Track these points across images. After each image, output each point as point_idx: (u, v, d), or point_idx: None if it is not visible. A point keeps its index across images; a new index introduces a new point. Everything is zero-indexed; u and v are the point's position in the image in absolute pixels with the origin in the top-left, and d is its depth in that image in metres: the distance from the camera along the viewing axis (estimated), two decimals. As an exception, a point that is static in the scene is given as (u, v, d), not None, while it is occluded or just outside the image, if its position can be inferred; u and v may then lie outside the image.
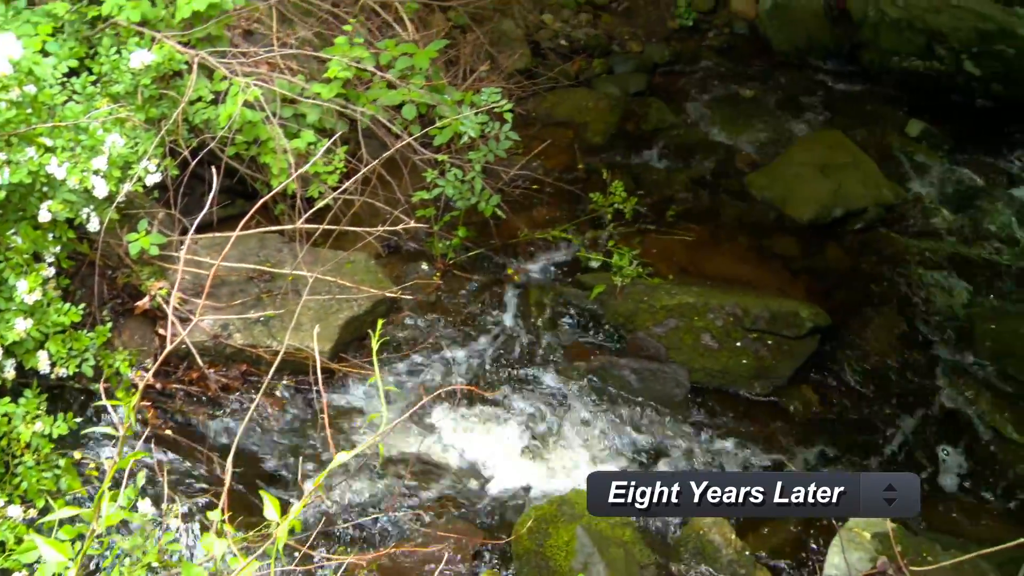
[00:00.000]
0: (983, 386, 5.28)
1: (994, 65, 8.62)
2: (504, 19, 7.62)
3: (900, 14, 8.75)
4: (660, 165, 6.79)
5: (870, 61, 8.84)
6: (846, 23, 9.04)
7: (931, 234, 6.54)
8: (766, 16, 8.85)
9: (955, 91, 8.75)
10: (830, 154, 6.81)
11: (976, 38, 8.65)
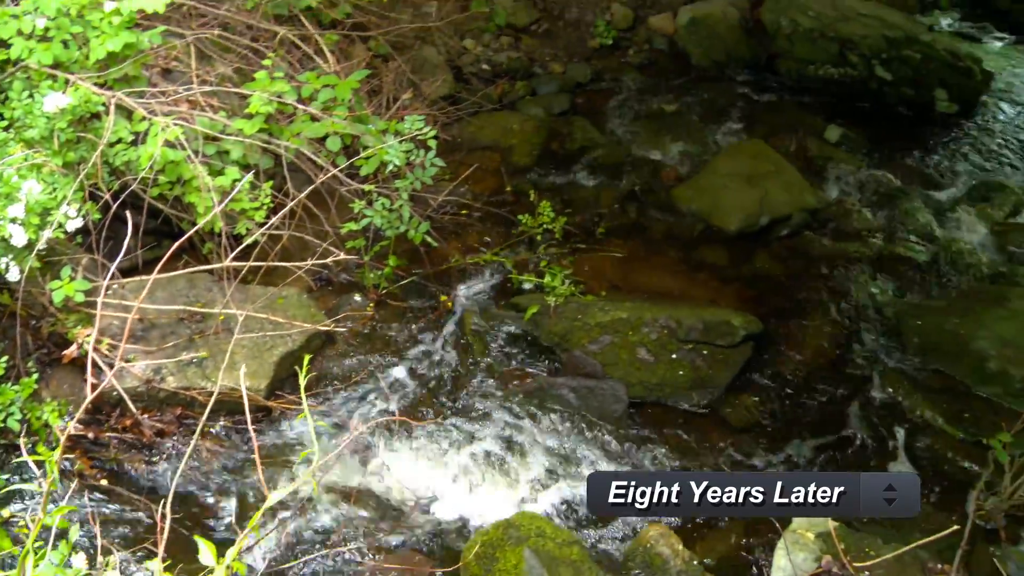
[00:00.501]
0: (913, 381, 5.40)
1: (903, 70, 8.88)
2: (425, 46, 7.64)
3: (813, 24, 8.97)
4: (587, 183, 6.84)
5: (787, 70, 9.04)
6: (762, 35, 9.23)
7: (854, 236, 6.68)
8: (684, 31, 9.00)
9: (869, 96, 8.98)
10: (753, 163, 6.93)
11: (885, 44, 8.90)
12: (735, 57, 9.05)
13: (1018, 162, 8.33)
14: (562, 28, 8.95)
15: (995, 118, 9.13)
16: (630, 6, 9.47)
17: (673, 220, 6.51)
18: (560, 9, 9.15)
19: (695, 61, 8.93)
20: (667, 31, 9.22)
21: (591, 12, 9.19)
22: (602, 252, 5.99)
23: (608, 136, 7.51)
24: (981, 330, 5.55)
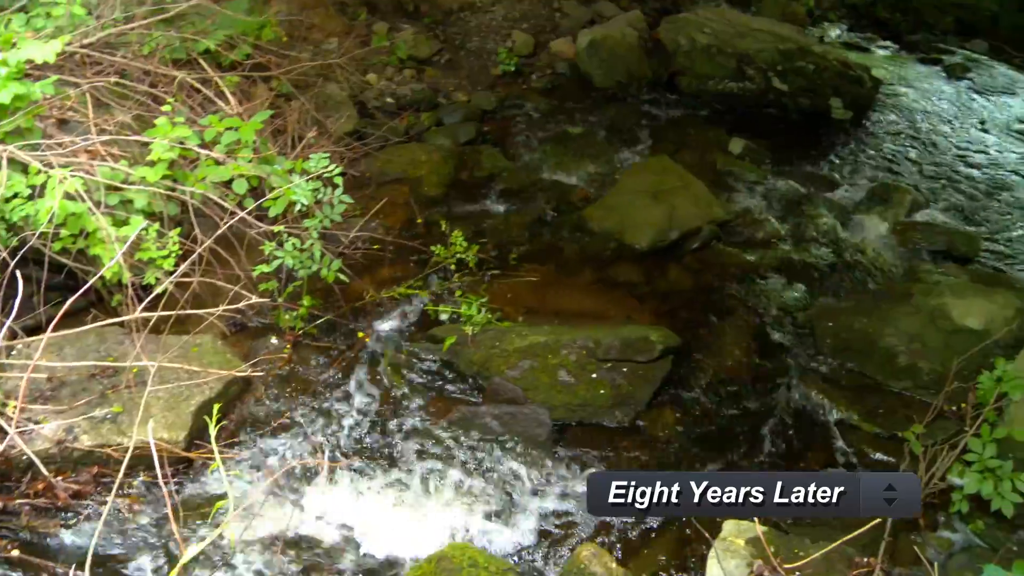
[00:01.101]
0: (829, 382, 5.53)
1: (798, 80, 9.16)
2: (328, 83, 7.62)
3: (710, 40, 9.18)
4: (498, 210, 6.88)
5: (688, 87, 9.24)
6: (662, 53, 9.43)
7: (763, 244, 6.84)
8: (585, 54, 9.14)
9: (768, 107, 9.25)
10: (660, 180, 7.03)
11: (780, 57, 9.17)
12: (637, 76, 9.22)
13: (911, 163, 8.64)
14: (464, 57, 9.02)
15: (887, 122, 9.47)
16: (531, 32, 9.60)
17: (585, 240, 6.57)
18: (462, 39, 9.23)
19: (598, 83, 9.08)
20: (568, 55, 9.36)
21: (492, 40, 9.29)
22: (517, 278, 6.01)
23: (516, 162, 7.56)
24: (889, 327, 5.70)
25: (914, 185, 8.16)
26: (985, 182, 8.55)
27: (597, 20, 10.07)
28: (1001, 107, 10.61)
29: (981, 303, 5.73)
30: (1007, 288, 6.21)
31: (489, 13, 9.74)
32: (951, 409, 5.06)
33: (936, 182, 8.38)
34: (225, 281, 4.99)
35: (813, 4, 13.39)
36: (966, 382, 4.96)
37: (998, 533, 4.42)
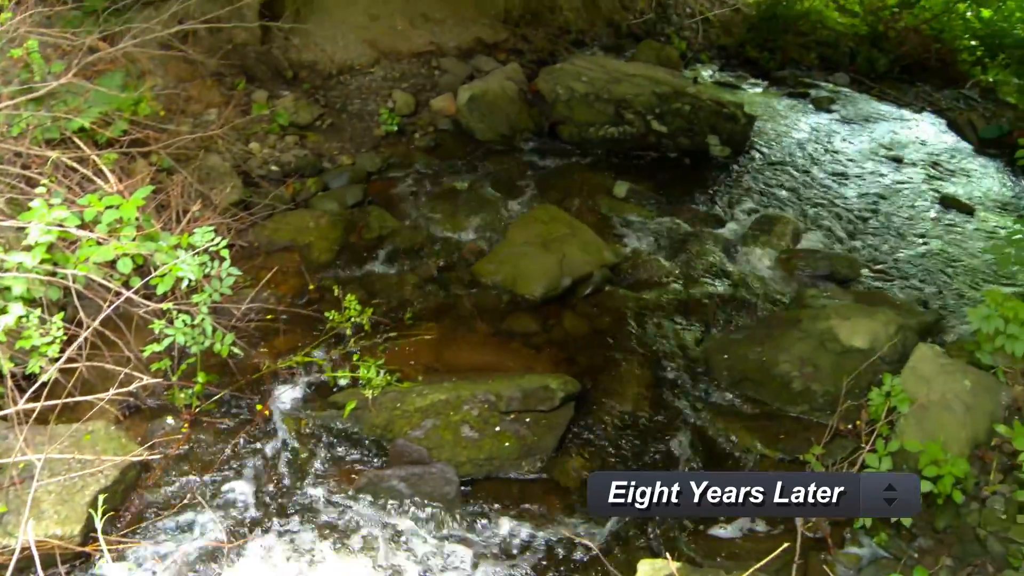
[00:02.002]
0: (729, 413, 5.69)
1: (677, 121, 9.49)
2: (210, 155, 7.54)
3: (587, 88, 9.43)
4: (390, 271, 6.89)
5: (569, 135, 9.47)
6: (542, 104, 9.64)
7: (654, 284, 7.01)
8: (466, 109, 9.27)
9: (650, 149, 9.55)
10: (548, 228, 7.16)
11: (656, 100, 9.48)
12: (519, 128, 9.40)
13: (790, 193, 9.01)
14: (346, 120, 9.04)
15: (763, 155, 9.87)
16: (411, 91, 9.70)
17: (479, 294, 6.63)
18: (342, 102, 9.26)
19: (481, 137, 9.22)
20: (450, 111, 9.48)
21: (373, 102, 9.35)
22: (413, 337, 6.03)
23: (405, 221, 7.60)
24: (782, 354, 5.88)
25: (794, 214, 8.52)
26: (859, 206, 8.99)
27: (476, 75, 10.25)
28: (866, 134, 11.20)
29: (865, 322, 5.97)
30: (888, 306, 6.52)
31: (368, 75, 9.81)
32: (847, 428, 5.25)
33: (814, 209, 8.76)
34: (114, 364, 4.87)
35: (685, 47, 13.89)
36: (858, 400, 5.17)
37: (900, 543, 4.60)
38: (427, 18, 11.06)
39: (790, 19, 14.95)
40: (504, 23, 12.06)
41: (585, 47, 12.86)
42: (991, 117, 12.52)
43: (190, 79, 8.43)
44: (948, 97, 13.91)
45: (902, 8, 15.56)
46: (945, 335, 6.54)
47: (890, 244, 8.30)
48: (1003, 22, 14.72)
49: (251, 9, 8.94)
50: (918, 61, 15.15)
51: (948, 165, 10.63)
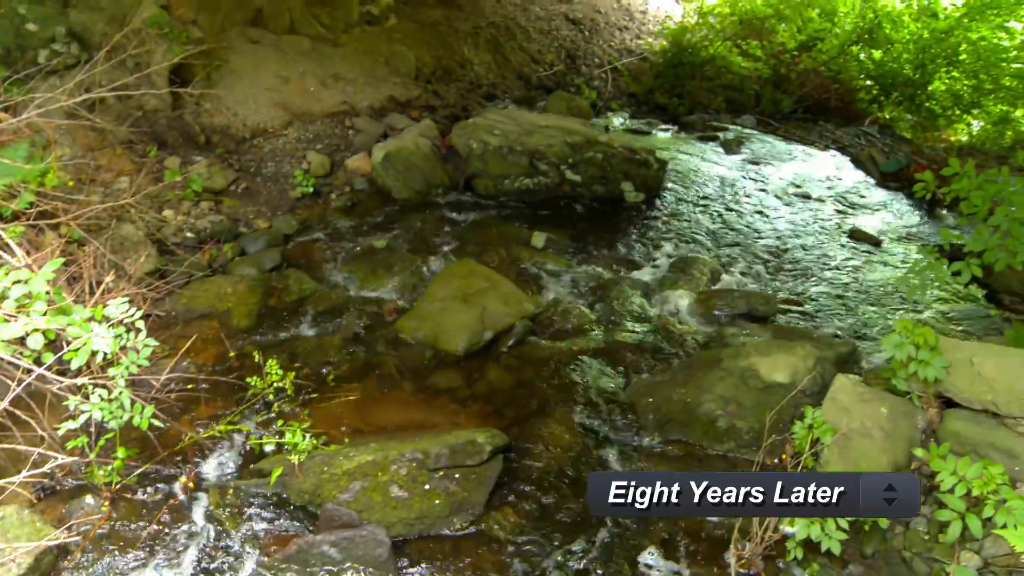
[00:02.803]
0: (657, 456, 5.75)
1: (590, 170, 9.65)
2: (122, 224, 7.43)
3: (501, 142, 9.55)
4: (311, 333, 6.85)
5: (485, 188, 9.56)
6: (456, 158, 9.73)
7: (576, 332, 7.07)
8: (381, 168, 9.31)
9: (565, 198, 9.69)
10: (468, 283, 7.21)
11: (569, 150, 9.64)
12: (434, 184, 9.47)
13: (704, 235, 9.21)
14: (261, 184, 9.00)
15: (677, 199, 10.09)
16: (325, 152, 9.71)
17: (402, 352, 6.62)
18: (256, 166, 9.22)
19: (397, 194, 9.27)
20: (365, 170, 9.52)
21: (288, 164, 9.33)
22: (338, 399, 5.99)
23: (324, 282, 7.58)
24: (705, 394, 5.99)
25: (710, 255, 8.71)
26: (772, 243, 9.24)
27: (390, 133, 10.31)
28: (775, 173, 11.55)
29: (785, 357, 6.13)
30: (805, 339, 6.70)
31: (282, 137, 9.80)
32: (773, 462, 5.34)
33: (730, 249, 8.98)
34: (27, 444, 4.73)
35: (596, 96, 14.18)
36: (783, 434, 5.27)
37: (831, 572, 4.68)
38: (339, 78, 11.12)
39: (696, 65, 15.39)
40: (416, 80, 12.19)
41: (497, 100, 13.05)
42: (890, 152, 13.05)
43: (99, 148, 8.31)
44: (850, 134, 14.45)
45: (801, 51, 16.15)
46: (862, 364, 6.74)
47: (804, 279, 8.54)
48: (893, 63, 15.37)
49: (160, 75, 8.89)
50: (819, 101, 15.76)
51: (854, 199, 11.03)
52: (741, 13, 16.12)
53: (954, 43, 14.30)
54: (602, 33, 16.81)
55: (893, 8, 15.58)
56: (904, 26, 15.45)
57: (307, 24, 11.74)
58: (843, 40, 15.76)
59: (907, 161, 12.13)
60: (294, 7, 11.68)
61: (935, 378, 4.86)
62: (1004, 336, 6.29)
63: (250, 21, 11.25)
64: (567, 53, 15.56)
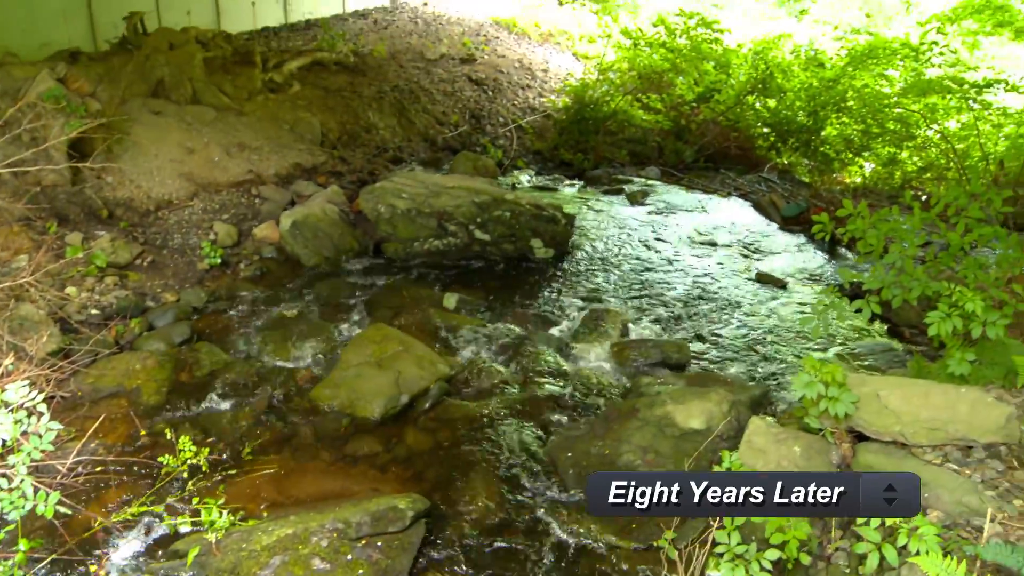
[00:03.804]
0: (579, 510, 5.71)
1: (499, 228, 9.74)
2: (22, 304, 7.22)
3: (408, 204, 9.59)
4: (224, 406, 6.72)
5: (395, 251, 9.59)
6: (365, 223, 9.74)
7: (493, 391, 7.08)
8: (289, 236, 9.26)
9: (475, 257, 9.76)
10: (382, 347, 7.18)
11: (477, 210, 9.72)
12: (344, 249, 9.45)
13: (615, 287, 9.34)
14: (168, 257, 8.86)
15: (586, 253, 10.25)
16: (232, 222, 9.63)
17: (318, 421, 6.54)
18: (162, 238, 9.09)
19: (306, 262, 9.22)
20: (273, 239, 9.45)
21: (195, 235, 9.22)
22: (255, 472, 5.88)
23: (236, 354, 7.47)
24: (623, 445, 6.04)
25: (622, 306, 8.83)
26: (682, 292, 9.43)
27: (297, 200, 10.28)
28: (680, 222, 11.82)
29: (700, 404, 6.23)
30: (719, 385, 6.81)
31: (188, 208, 9.68)
32: (695, 510, 5.37)
33: (640, 300, 9.12)
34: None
35: (501, 155, 14.38)
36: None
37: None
38: (244, 147, 11.07)
39: (599, 120, 15.74)
40: (322, 146, 12.21)
41: (403, 163, 13.14)
42: (790, 196, 13.50)
43: (-6, 226, 8.11)
44: (751, 181, 14.91)
45: (700, 103, 16.67)
46: (776, 405, 6.88)
47: (715, 325, 8.72)
48: (787, 111, 15.97)
49: (58, 150, 8.73)
50: (720, 150, 16.28)
51: (758, 244, 11.34)
52: (640, 68, 16.58)
53: (841, 91, 14.96)
54: (505, 92, 17.11)
55: (783, 59, 16.23)
56: (794, 76, 16.12)
57: (210, 94, 11.70)
58: (739, 91, 16.34)
59: (806, 204, 12.55)
60: (196, 77, 11.64)
61: (845, 414, 4.97)
62: (907, 368, 6.50)
63: (152, 92, 11.17)
64: (471, 113, 15.78)
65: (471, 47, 18.51)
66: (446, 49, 17.85)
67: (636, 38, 16.84)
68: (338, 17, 18.15)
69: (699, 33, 16.28)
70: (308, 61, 14.34)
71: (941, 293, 5.52)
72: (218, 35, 13.44)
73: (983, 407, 4.84)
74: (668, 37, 16.47)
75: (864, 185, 15.50)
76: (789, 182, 15.30)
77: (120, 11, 12.34)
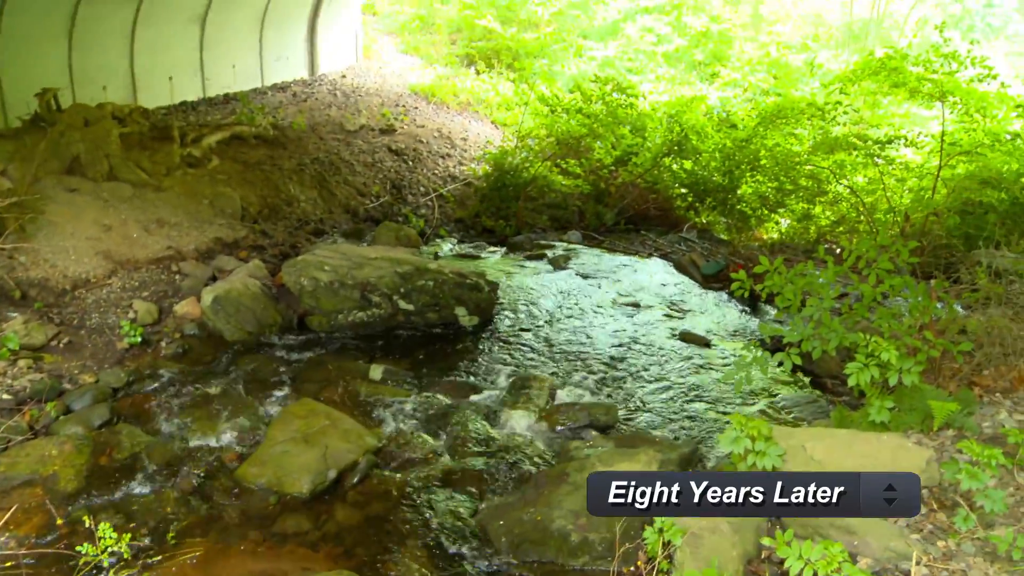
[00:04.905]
0: (514, 580, 5.68)
1: (423, 298, 9.77)
2: (-69, 393, 7.00)
3: (331, 277, 9.57)
4: (147, 490, 6.53)
5: (319, 324, 9.53)
6: (288, 297, 9.68)
7: (422, 462, 7.04)
8: (211, 312, 9.14)
9: (400, 328, 9.76)
10: (308, 423, 7.12)
11: (400, 280, 9.75)
12: (267, 324, 9.37)
13: (541, 352, 9.40)
14: (86, 337, 8.66)
15: (511, 320, 10.30)
16: (152, 299, 9.47)
17: (245, 500, 6.41)
18: (79, 318, 8.89)
19: (229, 337, 9.10)
20: (195, 315, 9.32)
21: (113, 314, 9.04)
22: (179, 557, 5.72)
23: (159, 435, 7.30)
24: (555, 510, 6.02)
25: (548, 371, 8.88)
26: (607, 354, 9.52)
27: (219, 275, 10.17)
28: (603, 285, 11.98)
29: (628, 465, 6.26)
30: (648, 444, 6.89)
31: (106, 287, 9.50)
32: (630, 570, 5.37)
33: (566, 364, 9.19)
34: None
35: (423, 224, 14.45)
36: (635, 541, 5.33)
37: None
38: (163, 223, 10.95)
39: (519, 187, 15.93)
40: (242, 220, 12.13)
41: (326, 235, 13.11)
42: (709, 255, 13.81)
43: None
44: (671, 241, 15.22)
45: (618, 166, 16.99)
46: (706, 462, 6.96)
47: (641, 385, 8.81)
48: (703, 171, 16.37)
49: (-35, 231, 8.53)
50: (640, 212, 16.61)
51: (680, 303, 11.55)
52: (558, 134, 16.86)
53: (754, 150, 15.39)
54: (426, 162, 17.25)
55: (697, 120, 16.66)
56: (709, 137, 16.54)
57: (128, 170, 11.57)
58: (655, 153, 16.71)
59: (725, 262, 12.85)
60: (113, 153, 11.51)
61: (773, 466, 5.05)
62: (831, 418, 6.65)
63: (67, 169, 11.02)
64: (393, 184, 15.86)
65: (390, 118, 18.65)
66: (366, 120, 17.95)
67: (553, 104, 17.16)
68: (257, 90, 18.14)
69: (615, 98, 16.67)
70: (227, 135, 14.29)
71: (858, 344, 5.69)
72: (135, 110, 13.33)
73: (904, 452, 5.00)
74: (584, 103, 16.81)
75: (781, 240, 15.95)
76: (708, 240, 15.65)
77: (32, 88, 12.17)
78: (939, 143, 13.29)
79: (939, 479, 4.86)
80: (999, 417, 5.61)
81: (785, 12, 29.82)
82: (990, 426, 5.51)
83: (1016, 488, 4.78)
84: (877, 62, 13.47)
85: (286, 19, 18.88)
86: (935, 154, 13.62)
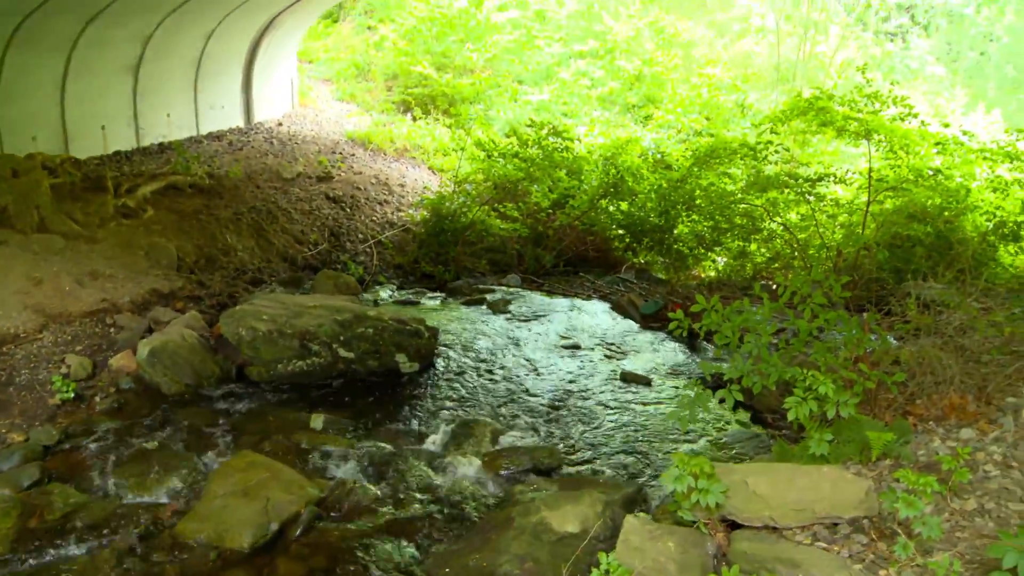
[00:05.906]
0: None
1: (362, 345, 9.73)
2: None
3: (269, 326, 9.48)
4: (80, 551, 6.32)
5: (258, 375, 9.42)
6: (227, 347, 9.55)
7: (366, 511, 6.97)
8: (146, 364, 8.99)
9: (340, 376, 9.70)
10: (247, 475, 7.00)
11: (339, 328, 9.70)
12: (205, 376, 9.23)
13: (482, 397, 9.40)
14: (15, 394, 8.44)
15: (451, 365, 10.31)
16: (86, 353, 9.29)
17: (184, 558, 6.24)
18: (8, 375, 8.67)
19: (166, 390, 8.95)
20: (131, 368, 9.15)
21: (44, 370, 8.84)
22: (115, 622, 5.56)
23: (93, 494, 7.11)
24: (501, 555, 5.96)
25: (490, 416, 8.88)
26: (549, 397, 9.56)
27: (155, 327, 10.00)
28: (543, 328, 12.03)
29: (573, 507, 6.28)
30: (592, 487, 6.89)
31: (37, 341, 9.28)
32: (577, 613, 5.35)
33: (508, 408, 9.20)
34: None
35: (362, 271, 14.41)
36: (582, 584, 5.32)
37: None
38: (97, 275, 10.77)
39: (457, 231, 16.00)
40: (179, 271, 11.99)
41: (264, 285, 13.00)
42: (648, 295, 13.95)
43: None
44: (609, 282, 15.37)
45: (555, 208, 17.15)
46: (651, 501, 6.98)
47: (584, 427, 8.84)
48: (640, 211, 16.59)
49: None
50: (578, 254, 16.76)
51: (620, 344, 11.63)
52: (495, 178, 16.98)
53: (689, 190, 15.66)
54: (363, 209, 17.23)
55: (632, 162, 16.90)
56: (644, 178, 16.78)
57: (59, 221, 11.38)
58: (592, 195, 16.91)
59: (664, 301, 12.99)
60: (43, 204, 11.32)
61: (716, 503, 5.08)
62: (772, 453, 6.72)
63: (-7, 222, 10.81)
64: (331, 231, 15.80)
65: (327, 165, 18.63)
66: (303, 168, 17.91)
67: (490, 149, 17.29)
68: (192, 139, 18.01)
69: (551, 142, 16.85)
70: (162, 185, 14.15)
71: (796, 378, 5.79)
72: (67, 161, 13.12)
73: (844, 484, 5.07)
74: (521, 147, 16.97)
75: (718, 278, 16.21)
76: (647, 280, 15.83)
77: (-43, 140, 11.98)
78: (867, 179, 13.67)
79: (878, 509, 4.94)
80: (933, 445, 5.73)
81: (716, 54, 30.52)
82: (924, 454, 5.62)
83: (951, 513, 4.89)
84: (805, 102, 13.87)
85: (221, 68, 18.82)
86: (863, 190, 14.01)
